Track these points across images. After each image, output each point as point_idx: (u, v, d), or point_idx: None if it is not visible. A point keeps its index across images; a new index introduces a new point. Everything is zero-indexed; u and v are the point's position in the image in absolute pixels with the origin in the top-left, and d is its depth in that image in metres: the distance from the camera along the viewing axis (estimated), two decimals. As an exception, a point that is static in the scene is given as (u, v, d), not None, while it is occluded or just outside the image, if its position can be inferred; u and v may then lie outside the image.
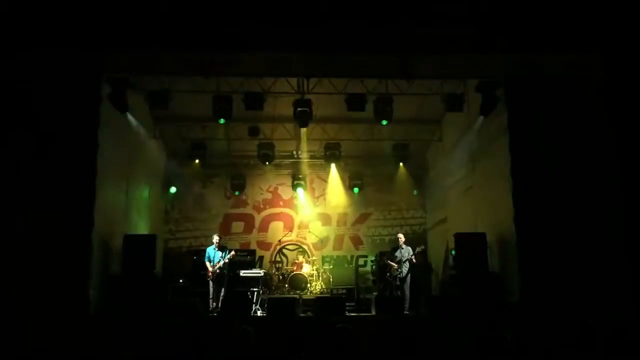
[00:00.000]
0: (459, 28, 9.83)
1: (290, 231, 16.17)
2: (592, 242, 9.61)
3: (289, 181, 15.97)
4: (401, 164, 14.96)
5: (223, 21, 9.52)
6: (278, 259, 15.80)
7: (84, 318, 8.66)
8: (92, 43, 9.31)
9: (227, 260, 11.71)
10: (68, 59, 9.37)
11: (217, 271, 11.56)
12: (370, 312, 11.34)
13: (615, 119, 9.85)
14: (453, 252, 12.09)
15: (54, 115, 9.37)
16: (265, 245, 16.13)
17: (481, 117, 11.38)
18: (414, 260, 11.71)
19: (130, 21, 9.36)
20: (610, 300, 9.14)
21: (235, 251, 12.18)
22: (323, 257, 15.47)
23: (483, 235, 11.13)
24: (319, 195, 16.63)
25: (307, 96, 11.49)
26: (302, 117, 11.49)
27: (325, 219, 16.55)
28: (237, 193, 15.98)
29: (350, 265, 15.64)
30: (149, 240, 11.06)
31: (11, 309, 8.28)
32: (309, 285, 13.26)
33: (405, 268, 11.73)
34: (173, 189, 15.48)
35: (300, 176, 15.65)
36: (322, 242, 16.05)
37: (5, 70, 9.23)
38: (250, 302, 11.35)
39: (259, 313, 11.17)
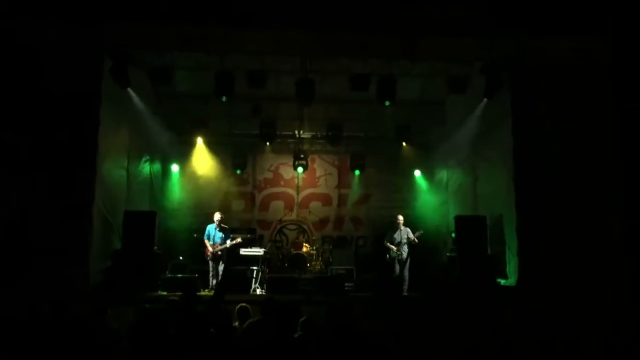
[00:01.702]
0: (465, 10, 9.73)
1: (291, 211, 16.17)
2: (592, 229, 9.62)
3: (290, 161, 15.87)
4: (403, 144, 14.89)
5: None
6: (278, 238, 15.81)
7: (83, 293, 8.71)
8: (94, 15, 9.23)
9: (228, 245, 11.71)
10: (70, 31, 9.31)
11: (219, 253, 11.57)
12: (369, 292, 11.38)
13: (620, 104, 9.80)
14: (453, 235, 12.10)
15: (55, 89, 9.35)
16: (266, 225, 16.12)
17: (485, 100, 11.31)
18: (415, 241, 11.73)
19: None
20: (608, 287, 9.16)
21: (241, 236, 12.23)
22: (323, 237, 15.47)
23: (483, 218, 11.13)
24: (320, 175, 16.60)
25: (310, 75, 11.42)
26: (305, 96, 11.42)
27: (326, 199, 16.54)
28: (238, 171, 15.91)
29: (350, 246, 15.66)
30: (149, 217, 11.07)
31: (11, 283, 8.33)
32: (308, 265, 13.29)
33: (404, 250, 11.75)
34: (175, 167, 15.46)
35: (302, 156, 15.59)
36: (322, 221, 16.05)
37: (8, 42, 9.18)
38: (249, 281, 11.40)
39: (258, 291, 11.22)
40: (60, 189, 9.14)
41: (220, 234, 11.72)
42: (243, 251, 12.60)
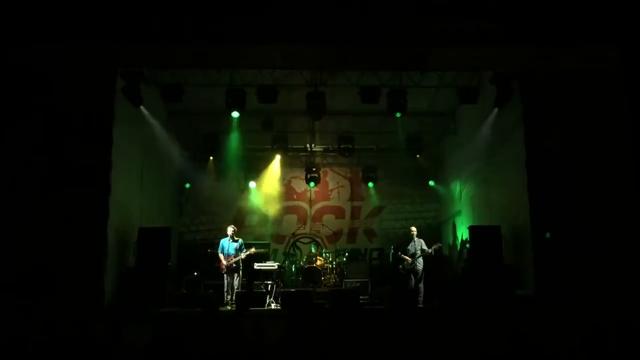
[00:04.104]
0: (475, 21, 9.73)
1: (304, 224, 16.18)
2: (608, 237, 9.51)
3: (302, 174, 15.95)
4: (416, 156, 14.88)
5: (236, 13, 9.52)
6: (292, 251, 15.83)
7: (98, 310, 8.75)
8: (106, 37, 9.34)
9: (243, 257, 11.70)
10: (83, 52, 9.42)
11: (234, 265, 11.54)
12: (384, 305, 11.33)
13: (633, 113, 9.72)
14: (467, 245, 12.03)
15: (69, 108, 9.44)
16: (279, 239, 16.15)
17: (496, 109, 11.29)
18: (431, 253, 11.67)
19: (143, 15, 9.38)
20: (626, 297, 9.03)
21: (254, 248, 12.23)
22: (337, 250, 15.45)
23: (498, 228, 11.05)
24: (333, 188, 16.62)
25: (320, 89, 11.46)
26: (316, 109, 11.46)
27: (339, 212, 16.55)
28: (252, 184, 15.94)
29: (364, 259, 15.63)
30: (163, 233, 11.10)
31: (27, 301, 8.37)
32: (322, 278, 13.26)
33: (419, 261, 11.70)
34: (187, 185, 15.54)
35: (314, 169, 15.63)
36: (336, 234, 16.03)
37: (22, 62, 9.31)
38: (264, 295, 11.38)
39: (272, 306, 11.20)
40: (75, 207, 9.20)
41: (234, 245, 11.70)
42: (257, 265, 12.61)
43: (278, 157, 15.41)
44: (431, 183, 16.11)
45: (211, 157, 14.84)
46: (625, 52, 9.63)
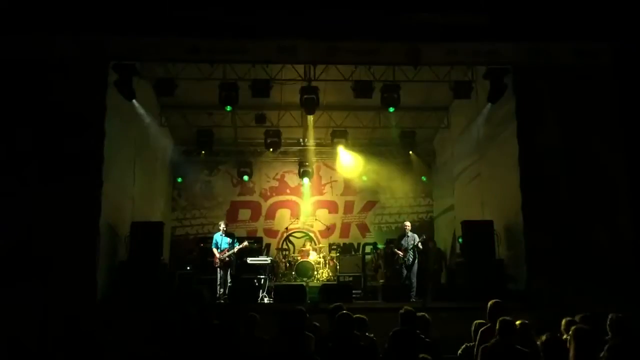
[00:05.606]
0: (468, 15, 9.75)
1: (297, 219, 16.19)
2: (600, 232, 9.57)
3: (295, 169, 15.95)
4: (409, 151, 14.90)
5: (230, 8, 9.49)
6: (285, 246, 15.83)
7: (91, 304, 8.73)
8: (99, 29, 9.30)
9: (236, 250, 11.71)
10: (75, 45, 9.37)
11: (227, 259, 11.56)
12: (377, 300, 11.36)
13: (625, 108, 9.77)
14: (460, 240, 12.06)
15: (62, 102, 9.39)
16: (272, 233, 16.17)
17: (489, 105, 11.31)
18: (420, 247, 11.71)
19: (137, 8, 9.34)
20: (617, 292, 9.08)
21: (247, 242, 12.23)
22: (330, 245, 15.48)
23: (490, 223, 11.09)
24: (326, 182, 16.63)
25: (313, 83, 11.43)
26: (309, 104, 11.44)
27: (332, 206, 16.55)
28: (245, 178, 15.92)
29: (357, 253, 15.65)
30: (156, 228, 11.08)
31: (19, 294, 8.35)
32: (315, 272, 13.27)
33: (411, 256, 11.73)
34: (180, 179, 15.51)
35: (307, 164, 15.62)
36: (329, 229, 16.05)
37: (14, 55, 9.26)
38: (257, 289, 11.39)
39: (265, 300, 11.22)
40: (67, 200, 9.16)
41: (227, 239, 11.72)
42: (250, 260, 12.62)
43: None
44: (423, 179, 16.15)
45: (204, 152, 14.81)
46: (618, 48, 9.68)
